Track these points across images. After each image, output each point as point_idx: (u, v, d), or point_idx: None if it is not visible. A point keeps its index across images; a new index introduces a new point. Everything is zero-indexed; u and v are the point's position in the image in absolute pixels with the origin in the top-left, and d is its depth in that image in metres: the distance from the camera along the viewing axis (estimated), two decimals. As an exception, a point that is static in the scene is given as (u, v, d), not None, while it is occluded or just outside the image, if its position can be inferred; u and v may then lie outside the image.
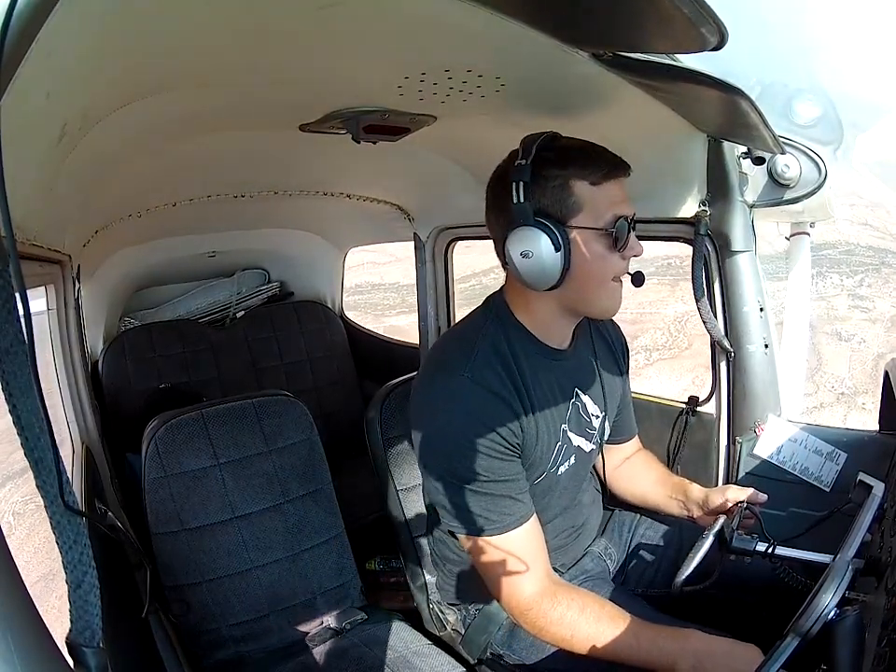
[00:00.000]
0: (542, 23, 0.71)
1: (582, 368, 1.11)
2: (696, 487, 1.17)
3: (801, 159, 1.24)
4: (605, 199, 0.93)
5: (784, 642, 0.70)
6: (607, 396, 1.15)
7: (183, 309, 2.64)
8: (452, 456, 0.95)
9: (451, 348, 1.03)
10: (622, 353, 1.23)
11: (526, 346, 1.02)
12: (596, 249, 0.94)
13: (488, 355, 0.98)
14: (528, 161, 0.91)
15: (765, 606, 1.07)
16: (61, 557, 0.46)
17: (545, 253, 0.91)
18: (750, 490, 1.08)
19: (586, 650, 0.92)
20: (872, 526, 0.89)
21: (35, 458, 0.43)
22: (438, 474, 0.98)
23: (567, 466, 1.09)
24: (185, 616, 1.26)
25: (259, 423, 1.38)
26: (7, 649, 0.36)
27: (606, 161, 0.93)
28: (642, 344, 6.52)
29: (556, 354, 1.05)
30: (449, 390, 0.96)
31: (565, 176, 0.92)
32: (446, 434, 0.95)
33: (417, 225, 2.15)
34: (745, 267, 1.31)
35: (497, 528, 0.95)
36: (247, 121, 1.19)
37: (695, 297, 1.33)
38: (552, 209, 0.92)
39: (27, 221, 0.89)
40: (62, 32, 0.48)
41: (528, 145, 0.93)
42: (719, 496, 1.10)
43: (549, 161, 0.92)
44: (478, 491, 0.94)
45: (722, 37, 0.62)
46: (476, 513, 0.95)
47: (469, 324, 1.06)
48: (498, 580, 0.98)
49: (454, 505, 0.97)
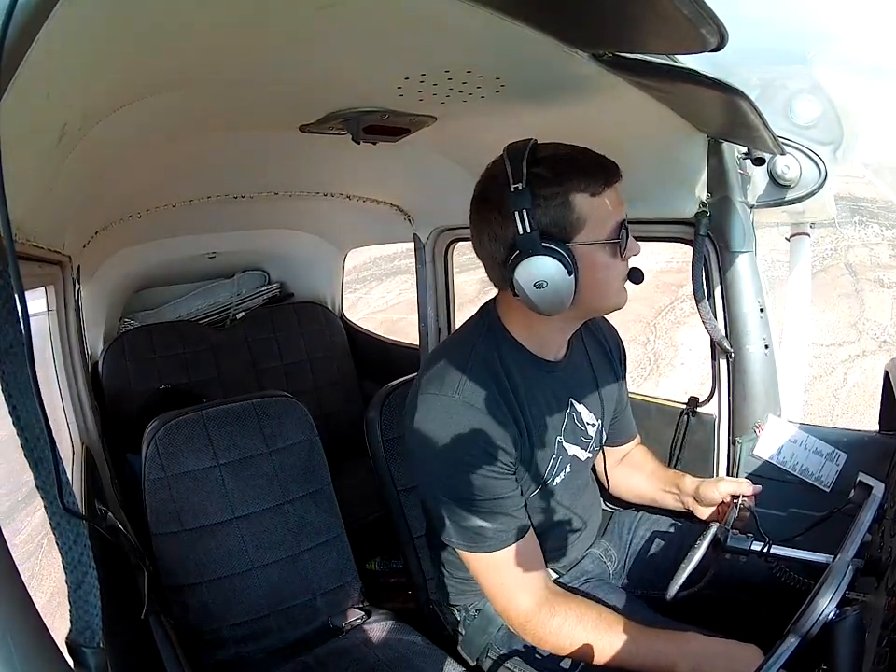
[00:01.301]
0: (542, 24, 0.71)
1: (577, 377, 1.10)
2: (689, 479, 1.17)
3: (801, 159, 1.24)
4: (605, 209, 0.90)
5: (784, 642, 0.70)
6: (604, 401, 1.14)
7: (183, 310, 2.64)
8: (445, 477, 0.95)
9: (442, 367, 1.00)
10: (618, 356, 1.22)
11: (520, 361, 1.00)
12: (603, 260, 0.92)
13: (480, 373, 0.96)
14: (524, 184, 0.86)
15: (766, 604, 1.07)
16: (61, 558, 0.46)
17: (559, 280, 0.87)
18: (743, 481, 1.08)
19: (586, 657, 0.93)
20: (872, 527, 0.89)
21: (35, 459, 0.43)
22: (433, 493, 0.98)
23: (563, 476, 1.09)
24: (185, 616, 1.26)
25: (259, 424, 1.38)
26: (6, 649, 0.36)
27: (601, 169, 0.91)
28: (687, 293, 6.38)
29: (551, 366, 1.04)
30: (441, 411, 0.95)
31: (564, 193, 0.88)
32: (439, 456, 0.95)
33: (417, 226, 2.15)
34: (745, 267, 1.31)
35: (494, 545, 0.95)
36: (247, 122, 1.19)
37: (695, 297, 1.33)
38: (554, 229, 0.88)
39: (27, 222, 0.89)
40: (62, 32, 0.48)
41: (516, 163, 0.88)
42: (711, 489, 1.10)
43: (544, 178, 0.87)
44: (473, 510, 0.94)
45: (722, 38, 0.62)
46: (472, 530, 0.95)
47: (461, 340, 1.04)
48: (496, 593, 0.98)
49: (449, 522, 0.98)
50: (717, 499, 1.09)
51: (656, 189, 1.29)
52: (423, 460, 0.98)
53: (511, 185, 0.87)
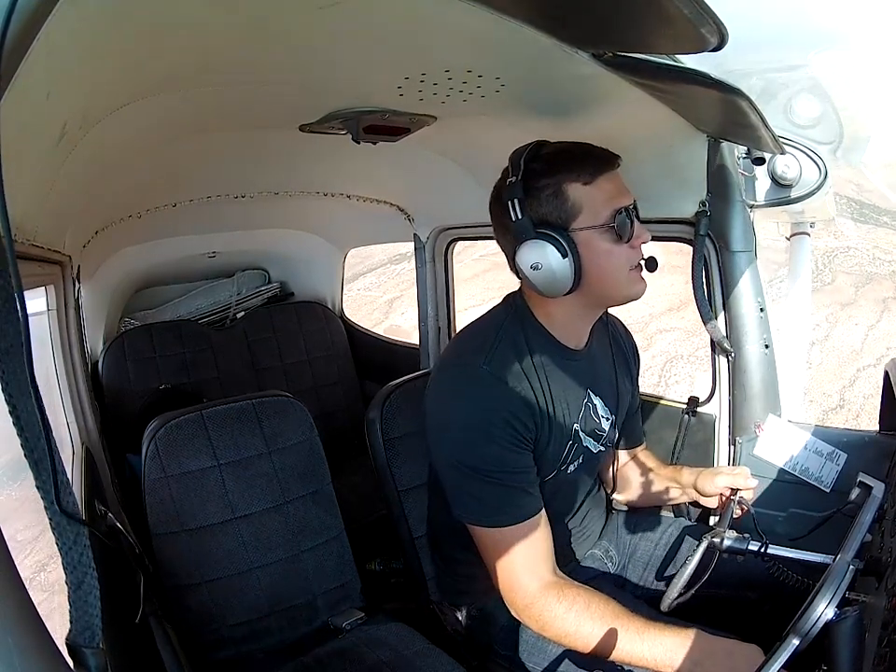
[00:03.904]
0: (542, 23, 0.71)
1: (596, 369, 1.12)
2: (686, 472, 1.18)
3: (801, 159, 1.24)
4: (600, 195, 0.94)
5: (784, 643, 0.70)
6: (619, 398, 1.16)
7: (183, 309, 2.65)
8: (466, 445, 0.96)
9: (470, 341, 1.05)
10: (633, 359, 1.24)
11: (544, 345, 1.03)
12: (603, 246, 0.95)
13: (507, 349, 1.00)
14: (519, 177, 0.94)
15: (768, 602, 1.07)
16: (61, 558, 0.46)
17: (553, 262, 0.93)
18: (739, 473, 1.09)
19: (588, 647, 0.92)
20: (872, 527, 0.89)
21: (35, 459, 0.43)
22: (450, 462, 0.99)
23: (576, 465, 1.09)
24: (185, 616, 1.26)
25: (259, 423, 1.38)
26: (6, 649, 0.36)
27: (594, 158, 0.95)
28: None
29: (572, 354, 1.06)
30: (467, 380, 0.98)
31: (556, 183, 0.94)
32: (461, 423, 0.97)
33: (417, 225, 2.15)
34: (745, 267, 1.31)
35: (507, 520, 0.96)
36: (247, 121, 1.19)
37: (695, 297, 1.34)
38: (551, 217, 0.94)
39: (27, 221, 0.89)
40: (62, 32, 0.48)
41: (515, 160, 0.96)
42: (708, 482, 1.11)
43: (537, 171, 0.94)
44: (489, 481, 0.95)
45: (722, 38, 0.62)
46: (487, 503, 0.96)
47: (489, 320, 1.08)
48: (504, 572, 0.98)
49: (465, 494, 0.98)
50: (714, 492, 1.10)
51: (656, 189, 1.29)
52: (444, 428, 1.00)
53: (509, 178, 0.96)
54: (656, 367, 5.46)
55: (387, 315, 6.86)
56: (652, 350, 5.60)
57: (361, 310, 6.82)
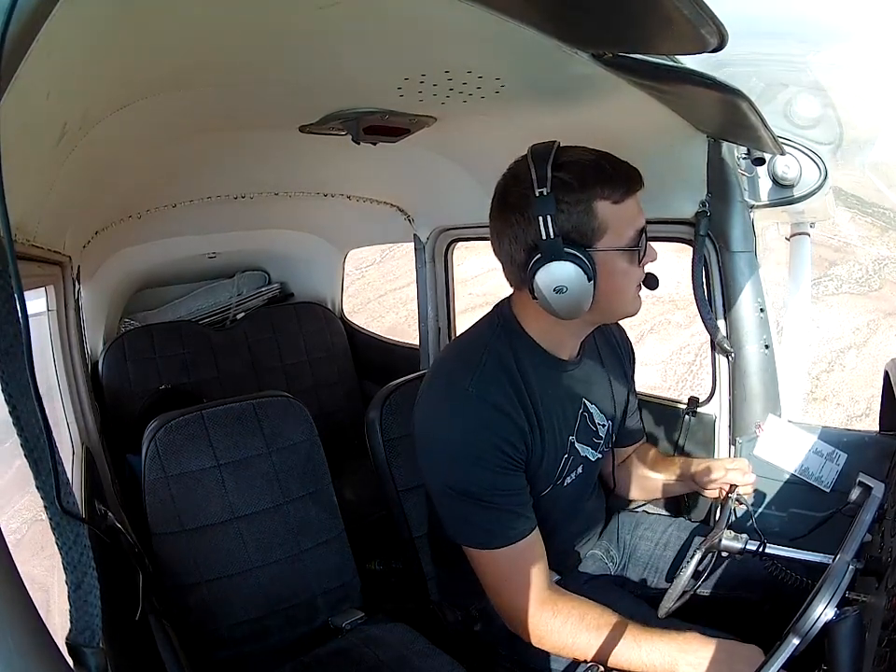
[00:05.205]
0: (542, 24, 0.71)
1: (590, 377, 1.10)
2: (686, 462, 1.18)
3: (801, 159, 1.24)
4: (626, 216, 0.91)
5: (784, 643, 0.70)
6: (615, 402, 1.15)
7: (184, 310, 2.65)
8: (455, 471, 0.95)
9: (456, 361, 1.01)
10: (628, 357, 1.22)
11: (534, 359, 1.00)
12: (621, 267, 0.92)
13: (494, 369, 0.96)
14: (549, 190, 0.86)
15: (768, 602, 1.07)
16: (60, 558, 0.46)
17: (579, 285, 0.88)
18: (737, 465, 1.09)
19: (586, 657, 0.92)
20: (872, 527, 0.89)
21: (35, 459, 0.43)
22: (440, 488, 0.98)
23: (574, 476, 1.08)
24: (185, 616, 1.26)
25: (259, 424, 1.38)
26: (6, 649, 0.36)
27: (625, 177, 0.90)
28: (837, 273, 6.31)
29: (564, 365, 1.04)
30: (453, 404, 0.95)
31: (587, 200, 0.88)
32: (449, 448, 0.95)
33: (417, 226, 2.15)
34: (745, 267, 1.31)
35: (499, 542, 0.95)
36: (247, 122, 1.19)
37: (695, 297, 1.34)
38: (575, 235, 0.89)
39: (27, 222, 0.89)
40: (62, 32, 0.48)
41: (540, 166, 0.87)
42: (705, 474, 1.10)
43: (567, 184, 0.87)
44: (481, 505, 0.94)
45: (722, 38, 0.62)
46: (478, 527, 0.95)
47: (476, 336, 1.04)
48: (499, 591, 0.98)
49: (456, 517, 0.98)
50: (713, 485, 1.10)
51: (656, 190, 1.29)
52: (432, 452, 0.98)
53: (536, 189, 0.87)
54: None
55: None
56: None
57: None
